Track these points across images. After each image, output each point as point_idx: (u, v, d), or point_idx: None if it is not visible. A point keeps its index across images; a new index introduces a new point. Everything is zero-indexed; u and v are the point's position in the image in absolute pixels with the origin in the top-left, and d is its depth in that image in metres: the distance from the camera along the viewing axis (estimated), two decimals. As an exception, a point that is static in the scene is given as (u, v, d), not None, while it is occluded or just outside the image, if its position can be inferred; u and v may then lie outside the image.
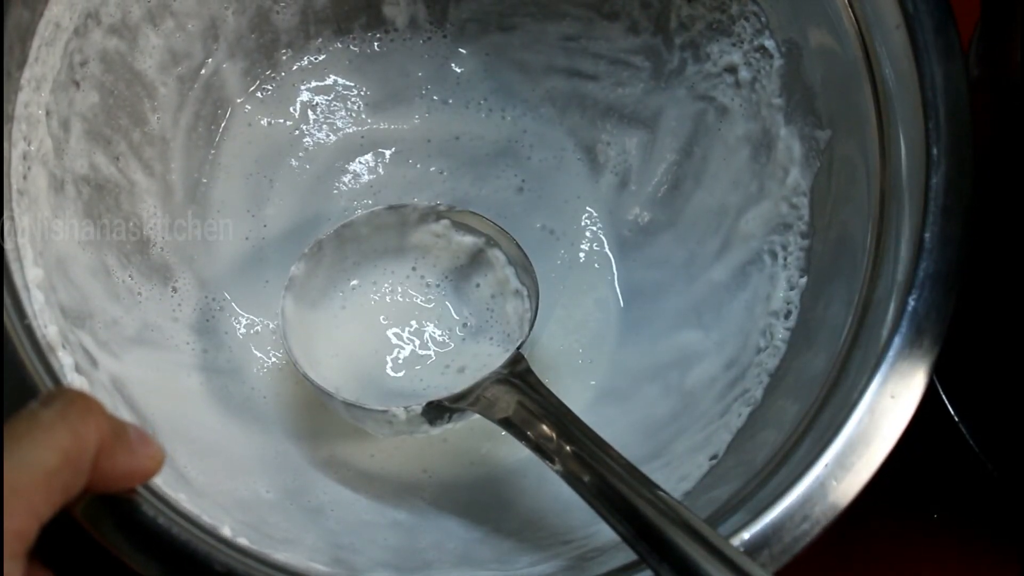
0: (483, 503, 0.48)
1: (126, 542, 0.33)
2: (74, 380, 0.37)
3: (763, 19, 0.48)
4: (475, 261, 0.52)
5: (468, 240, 0.51)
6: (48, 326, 0.37)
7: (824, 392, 0.39)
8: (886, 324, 0.38)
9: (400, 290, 0.52)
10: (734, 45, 0.50)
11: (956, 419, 0.51)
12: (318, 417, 0.50)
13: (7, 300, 0.35)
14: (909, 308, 0.37)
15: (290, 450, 0.49)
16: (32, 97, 0.40)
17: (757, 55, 0.49)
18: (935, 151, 0.39)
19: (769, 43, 0.48)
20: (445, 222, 0.51)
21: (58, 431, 0.28)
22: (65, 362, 0.37)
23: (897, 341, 0.37)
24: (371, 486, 0.49)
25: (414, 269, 0.52)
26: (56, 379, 0.35)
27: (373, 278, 0.52)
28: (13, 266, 0.37)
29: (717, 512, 0.38)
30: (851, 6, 0.42)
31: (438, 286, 0.52)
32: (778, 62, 0.48)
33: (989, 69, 0.42)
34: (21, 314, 0.35)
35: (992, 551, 0.51)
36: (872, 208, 0.41)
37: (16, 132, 0.39)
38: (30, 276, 0.38)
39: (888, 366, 0.37)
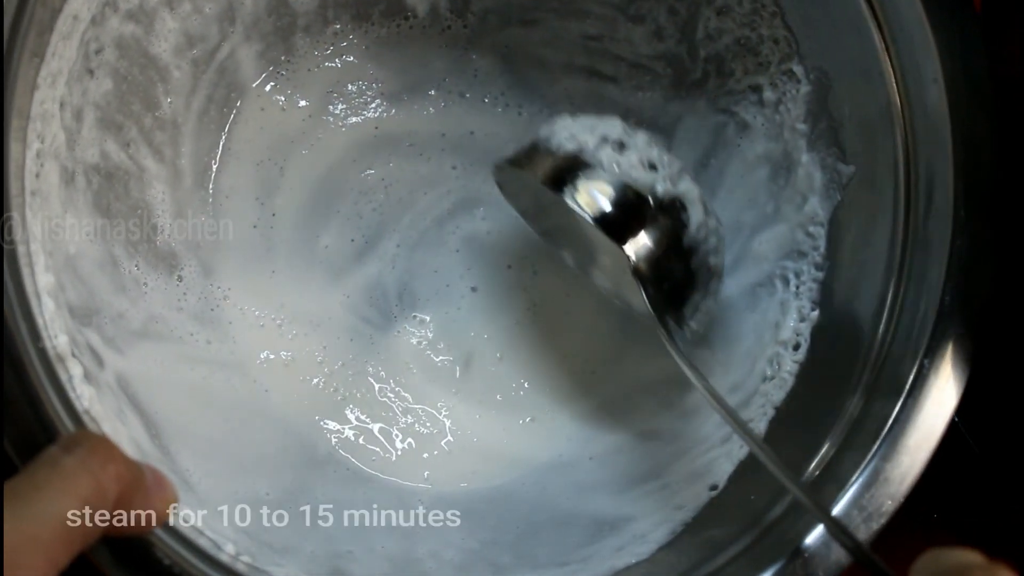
0: (481, 512, 0.49)
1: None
2: (83, 392, 0.36)
3: (793, 45, 0.47)
4: None
5: None
6: (58, 336, 0.37)
7: (834, 447, 0.39)
8: (896, 383, 0.38)
9: None
10: (760, 65, 0.49)
11: (956, 419, 0.51)
12: (319, 413, 0.51)
13: (21, 326, 0.34)
14: (925, 371, 0.37)
15: (290, 447, 0.49)
16: (48, 94, 0.39)
17: (784, 78, 0.48)
18: (963, 212, 0.38)
19: (798, 68, 0.47)
20: None
21: (80, 480, 0.28)
22: (74, 372, 0.37)
23: (910, 403, 0.37)
24: (370, 488, 0.49)
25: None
26: (71, 407, 0.35)
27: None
28: (24, 271, 0.36)
29: (713, 558, 0.38)
30: (888, 50, 0.41)
31: None
32: (805, 88, 0.47)
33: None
34: (35, 336, 0.35)
35: (992, 551, 0.51)
36: (891, 257, 0.41)
37: (31, 132, 0.38)
38: (41, 283, 0.37)
39: (898, 434, 0.37)
